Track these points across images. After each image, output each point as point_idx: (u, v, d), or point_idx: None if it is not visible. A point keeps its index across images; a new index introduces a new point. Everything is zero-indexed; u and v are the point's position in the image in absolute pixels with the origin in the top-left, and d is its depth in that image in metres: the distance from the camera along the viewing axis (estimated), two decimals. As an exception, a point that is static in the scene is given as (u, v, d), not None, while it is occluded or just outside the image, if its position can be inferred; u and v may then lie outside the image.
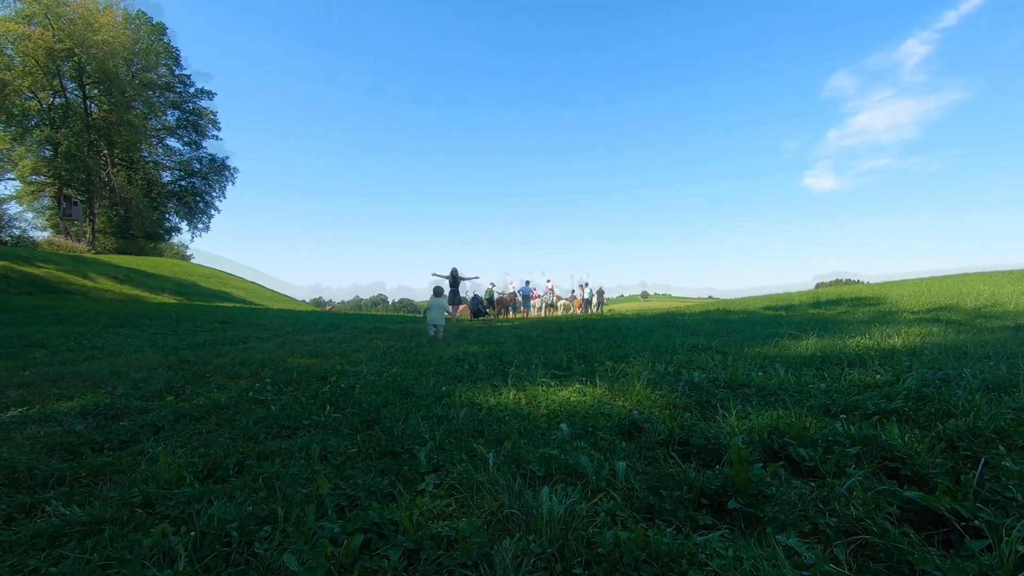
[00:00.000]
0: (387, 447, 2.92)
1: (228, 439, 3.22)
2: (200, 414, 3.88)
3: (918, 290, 17.68)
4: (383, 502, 2.19)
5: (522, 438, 3.08)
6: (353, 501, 2.18)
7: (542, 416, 3.67)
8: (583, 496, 2.17)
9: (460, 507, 2.16)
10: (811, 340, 7.56)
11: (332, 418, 3.66)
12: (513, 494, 2.17)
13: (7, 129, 36.51)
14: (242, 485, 2.33)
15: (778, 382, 4.26)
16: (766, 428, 2.83)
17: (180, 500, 2.18)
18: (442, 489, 2.29)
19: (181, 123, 50.74)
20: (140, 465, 2.77)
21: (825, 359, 5.66)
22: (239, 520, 1.96)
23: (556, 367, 5.87)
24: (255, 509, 2.06)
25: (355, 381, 5.25)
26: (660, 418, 3.29)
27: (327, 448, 2.91)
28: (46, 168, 38.95)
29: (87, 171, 39.07)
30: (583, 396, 4.23)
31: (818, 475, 2.35)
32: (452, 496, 2.26)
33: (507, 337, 10.30)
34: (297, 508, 2.04)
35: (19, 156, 38.07)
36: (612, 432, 3.15)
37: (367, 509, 2.03)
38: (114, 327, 11.00)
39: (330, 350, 7.99)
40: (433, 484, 2.36)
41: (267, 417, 3.69)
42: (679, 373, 5.17)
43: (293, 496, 2.14)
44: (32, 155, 38.37)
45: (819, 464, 2.39)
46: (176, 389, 4.91)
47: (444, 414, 3.69)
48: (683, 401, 3.89)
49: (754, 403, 3.73)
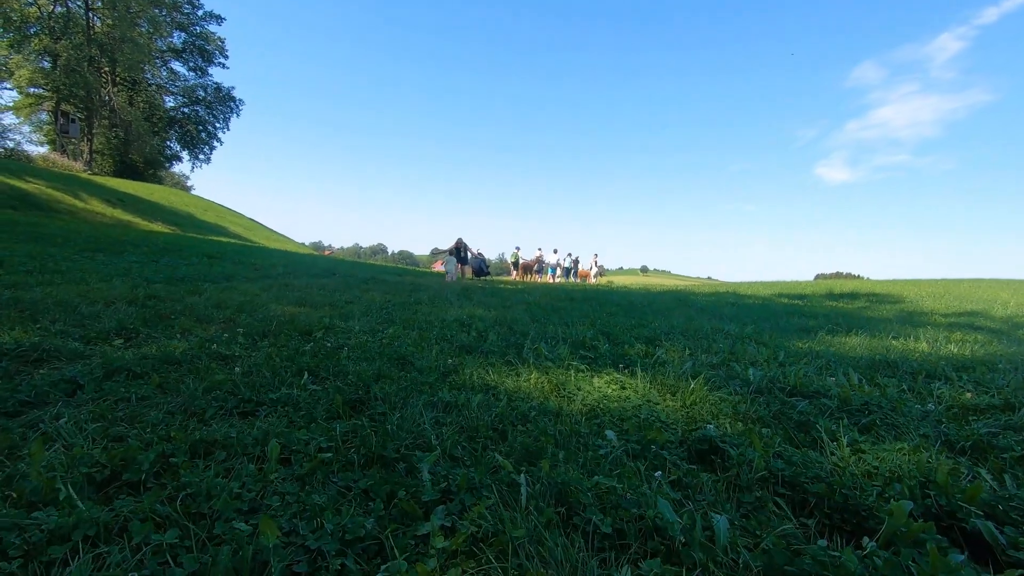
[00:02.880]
0: (377, 449, 2.10)
1: (163, 414, 2.38)
2: (142, 369, 3.04)
3: (935, 292, 16.83)
4: (364, 566, 1.37)
5: (559, 449, 2.27)
6: (313, 565, 1.36)
7: (578, 414, 2.86)
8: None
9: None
10: (857, 338, 6.75)
11: (308, 393, 2.83)
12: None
13: (4, 35, 34.67)
14: (142, 511, 1.50)
15: (862, 395, 3.44)
16: (915, 478, 2.00)
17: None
18: (456, 541, 1.47)
19: (187, 46, 48.43)
20: (21, 448, 1.94)
21: (890, 365, 4.84)
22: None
23: (578, 344, 5.04)
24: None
25: (344, 340, 4.42)
26: (740, 437, 2.48)
27: (292, 444, 2.08)
28: (44, 80, 37.20)
29: (87, 87, 37.35)
30: (623, 390, 3.41)
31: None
32: (472, 558, 1.44)
33: (514, 302, 9.47)
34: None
35: (16, 65, 36.24)
36: (679, 451, 2.33)
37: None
38: (91, 251, 10.11)
39: (320, 299, 7.14)
40: (441, 527, 1.55)
41: (225, 383, 2.85)
42: (728, 367, 4.36)
43: (214, 561, 1.29)
44: (30, 64, 36.53)
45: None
46: (128, 331, 4.07)
47: (452, 400, 2.86)
48: (754, 411, 3.06)
49: (845, 422, 2.91)
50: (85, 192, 24.97)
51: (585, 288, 16.44)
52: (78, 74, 36.25)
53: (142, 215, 25.90)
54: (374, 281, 11.71)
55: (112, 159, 43.92)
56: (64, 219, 18.88)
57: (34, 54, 36.45)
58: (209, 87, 50.80)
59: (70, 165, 36.06)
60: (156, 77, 48.25)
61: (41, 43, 35.84)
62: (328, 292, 8.22)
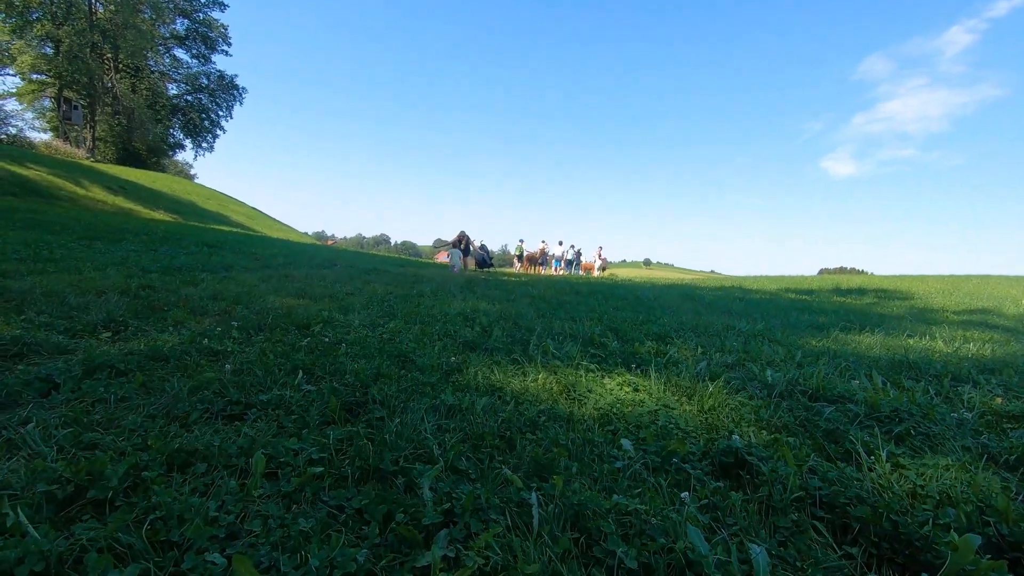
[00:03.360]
0: (373, 461, 1.90)
1: (142, 418, 2.19)
2: (125, 366, 2.85)
3: (943, 288, 16.52)
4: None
5: (572, 461, 2.08)
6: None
7: (590, 419, 2.66)
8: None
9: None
10: (872, 336, 6.54)
11: (301, 394, 2.64)
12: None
13: (7, 20, 34.41)
14: (103, 539, 1.31)
15: (890, 400, 3.23)
16: (970, 502, 1.81)
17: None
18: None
19: (190, 33, 48.07)
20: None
21: (911, 366, 4.63)
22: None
23: (586, 341, 4.84)
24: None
25: (342, 335, 4.23)
26: (768, 448, 2.28)
27: (280, 455, 1.89)
28: (46, 66, 36.94)
29: (89, 74, 37.10)
30: (636, 392, 3.21)
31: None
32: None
33: (518, 295, 9.27)
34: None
35: (18, 50, 35.96)
36: (702, 464, 2.14)
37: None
38: (88, 239, 9.93)
39: (320, 290, 6.95)
40: (444, 558, 1.36)
41: (213, 382, 2.66)
42: (744, 368, 4.16)
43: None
44: (32, 50, 36.24)
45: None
46: (117, 324, 3.89)
47: (456, 403, 2.67)
48: (778, 417, 2.87)
49: (877, 431, 2.72)
50: (87, 179, 24.78)
51: (590, 281, 16.22)
52: (80, 60, 36.01)
53: (144, 203, 25.72)
54: (376, 272, 11.51)
55: (115, 146, 43.72)
56: (64, 206, 18.71)
57: (36, 40, 36.19)
58: (212, 75, 50.52)
59: (72, 152, 35.87)
60: (159, 64, 47.89)
61: (43, 28, 35.57)
62: (328, 283, 8.03)
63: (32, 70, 37.72)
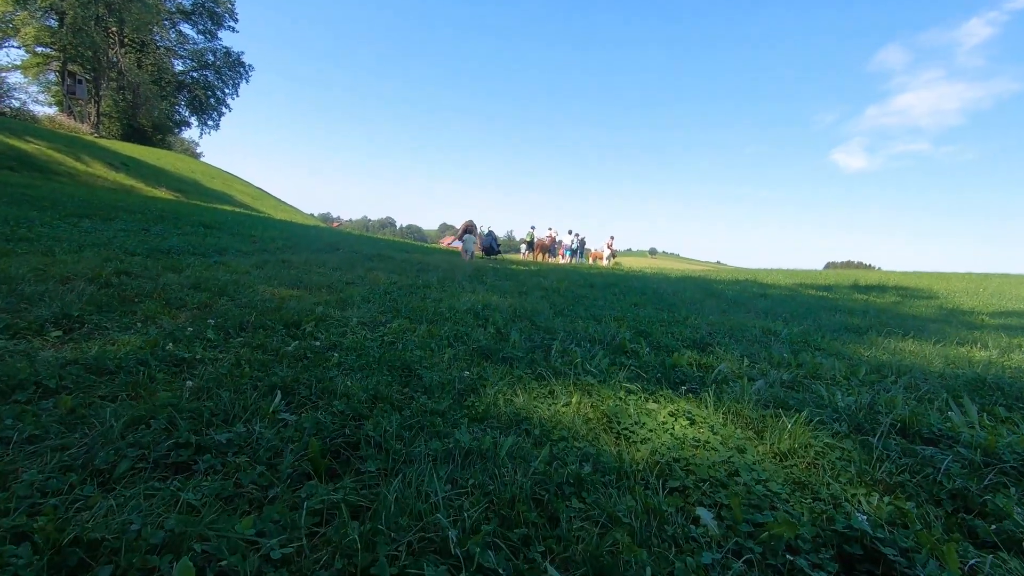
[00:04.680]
0: (362, 560, 1.30)
1: (48, 473, 1.58)
2: (57, 383, 2.25)
3: (967, 287, 15.80)
4: None
5: (641, 548, 1.48)
6: None
7: (646, 470, 2.06)
8: None
9: None
10: (921, 344, 5.93)
11: (275, 430, 2.04)
12: None
13: (10, -9, 33.64)
14: None
15: (1008, 443, 2.61)
16: None
17: None
18: None
19: (196, 8, 47.07)
20: None
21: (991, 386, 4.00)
22: None
23: (615, 348, 4.23)
24: None
25: (337, 337, 3.63)
26: (895, 527, 1.67)
27: (222, 554, 1.28)
28: (51, 39, 36.16)
29: (94, 47, 36.35)
30: (693, 426, 2.60)
31: None
32: None
33: (531, 287, 8.66)
34: None
35: (22, 22, 35.17)
36: (821, 559, 1.53)
37: None
38: (78, 217, 9.34)
39: (318, 279, 6.35)
40: None
41: (162, 410, 2.06)
42: (806, 387, 3.55)
43: None
44: (35, 22, 35.45)
45: None
46: (71, 320, 3.29)
47: (474, 445, 2.06)
48: (884, 470, 2.24)
49: (1011, 492, 2.10)
50: (88, 155, 24.19)
51: (601, 272, 15.58)
52: (85, 33, 35.25)
53: (145, 180, 25.12)
54: (379, 258, 10.91)
55: (120, 122, 43.05)
56: (62, 181, 18.14)
57: (40, 11, 35.37)
58: (218, 51, 49.62)
59: (76, 127, 35.24)
60: (165, 39, 46.99)
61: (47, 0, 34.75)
62: (328, 271, 7.43)
63: (36, 42, 36.94)
